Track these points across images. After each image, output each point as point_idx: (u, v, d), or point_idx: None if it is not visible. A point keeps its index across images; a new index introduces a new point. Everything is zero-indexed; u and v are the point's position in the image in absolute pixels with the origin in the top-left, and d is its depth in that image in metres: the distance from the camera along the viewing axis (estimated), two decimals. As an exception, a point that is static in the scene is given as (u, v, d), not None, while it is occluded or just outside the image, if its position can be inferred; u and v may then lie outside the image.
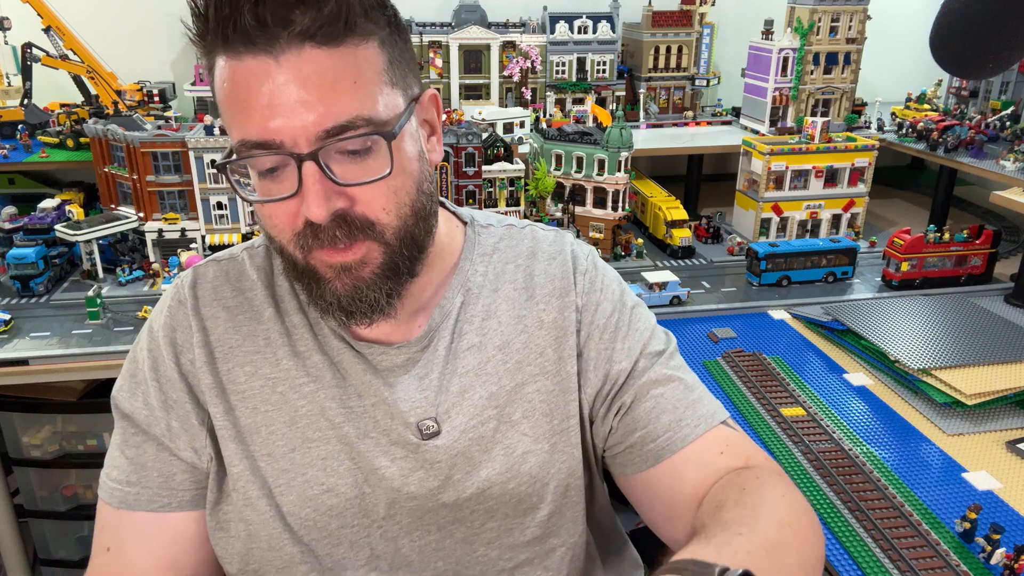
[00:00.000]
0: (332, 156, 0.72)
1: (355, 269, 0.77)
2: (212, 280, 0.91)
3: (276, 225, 0.77)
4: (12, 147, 2.26)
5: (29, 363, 1.63)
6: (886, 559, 1.10)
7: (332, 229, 0.74)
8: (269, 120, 0.70)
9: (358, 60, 0.72)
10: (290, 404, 0.86)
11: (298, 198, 0.73)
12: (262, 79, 0.70)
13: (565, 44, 2.64)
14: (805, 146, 2.20)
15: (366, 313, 0.79)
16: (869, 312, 1.77)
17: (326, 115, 0.70)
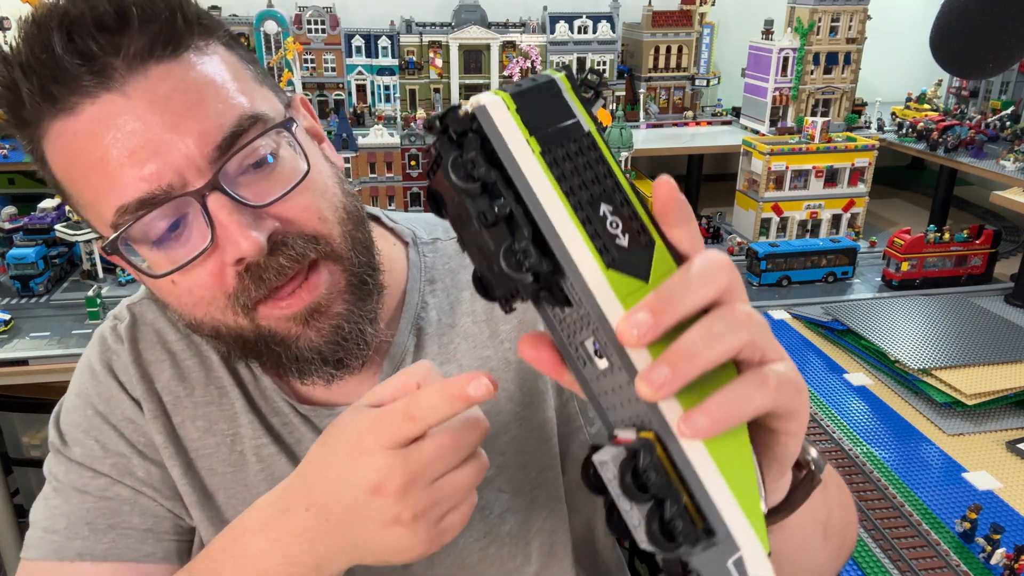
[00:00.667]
0: (235, 180, 0.59)
1: (324, 307, 0.63)
2: (153, 322, 0.76)
3: (202, 298, 0.61)
4: (12, 147, 2.26)
5: (29, 363, 1.63)
6: (886, 559, 1.10)
7: (276, 259, 0.59)
8: (140, 167, 0.56)
9: (214, 62, 0.60)
10: (249, 466, 0.73)
11: (217, 250, 0.58)
12: (111, 123, 0.56)
13: (565, 44, 2.64)
14: (805, 146, 2.20)
15: (359, 350, 0.67)
16: (869, 312, 1.77)
17: (206, 131, 0.57)
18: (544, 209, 0.35)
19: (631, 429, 0.38)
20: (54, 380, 1.66)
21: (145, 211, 0.57)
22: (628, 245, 0.37)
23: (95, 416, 0.74)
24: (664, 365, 0.34)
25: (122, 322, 0.76)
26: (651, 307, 0.34)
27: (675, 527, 0.35)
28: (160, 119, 0.56)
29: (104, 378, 0.74)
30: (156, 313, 0.77)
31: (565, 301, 0.38)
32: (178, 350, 0.75)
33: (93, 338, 0.79)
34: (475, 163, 0.35)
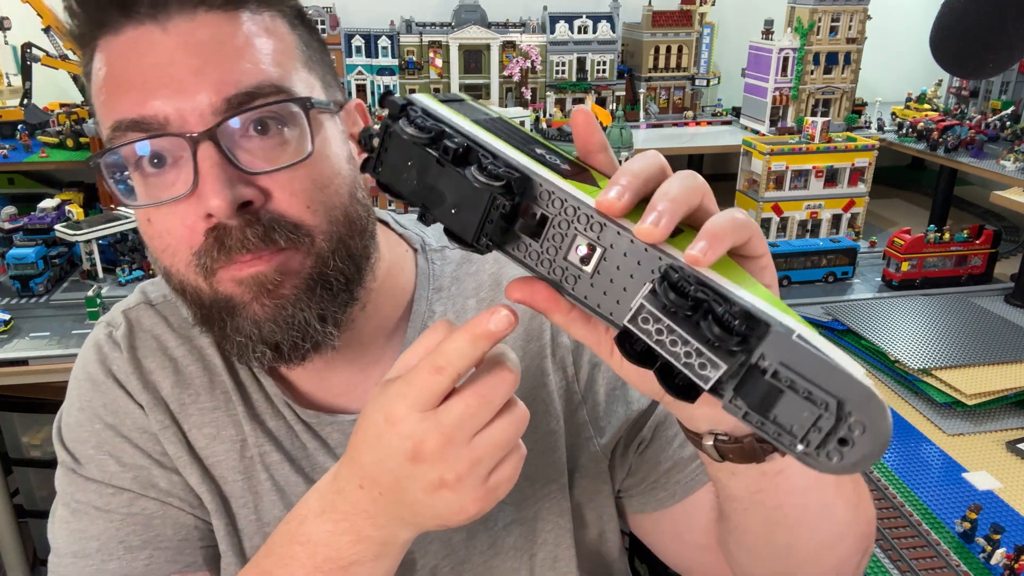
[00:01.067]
0: (235, 140, 0.58)
1: (272, 284, 0.60)
2: (150, 328, 0.74)
3: (169, 246, 0.60)
4: (12, 147, 2.26)
5: (29, 363, 1.63)
6: (886, 559, 1.10)
7: (241, 230, 0.57)
8: (151, 95, 0.57)
9: (263, 29, 0.60)
10: (256, 475, 0.72)
11: (194, 199, 0.57)
12: (143, 50, 0.57)
13: (565, 44, 2.64)
14: (805, 146, 2.20)
15: (297, 344, 0.62)
16: (869, 312, 1.77)
17: (225, 82, 0.57)
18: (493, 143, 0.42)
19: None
20: (54, 380, 1.66)
21: (136, 136, 0.57)
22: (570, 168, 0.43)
23: (105, 429, 0.71)
24: (652, 210, 0.39)
25: (117, 329, 0.74)
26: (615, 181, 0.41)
27: (731, 323, 0.36)
28: (187, 61, 0.57)
29: (108, 387, 0.72)
30: (154, 318, 0.75)
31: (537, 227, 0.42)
32: (179, 356, 0.73)
33: (86, 347, 0.76)
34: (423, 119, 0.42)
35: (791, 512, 0.58)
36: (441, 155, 0.41)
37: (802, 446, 0.36)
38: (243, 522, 0.72)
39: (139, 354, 0.73)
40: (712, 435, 0.51)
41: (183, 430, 0.72)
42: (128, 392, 0.72)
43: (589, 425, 0.79)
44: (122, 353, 0.72)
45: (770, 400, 0.36)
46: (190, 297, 0.62)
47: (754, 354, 0.36)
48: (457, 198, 0.41)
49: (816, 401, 0.35)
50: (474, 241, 0.42)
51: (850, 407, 0.35)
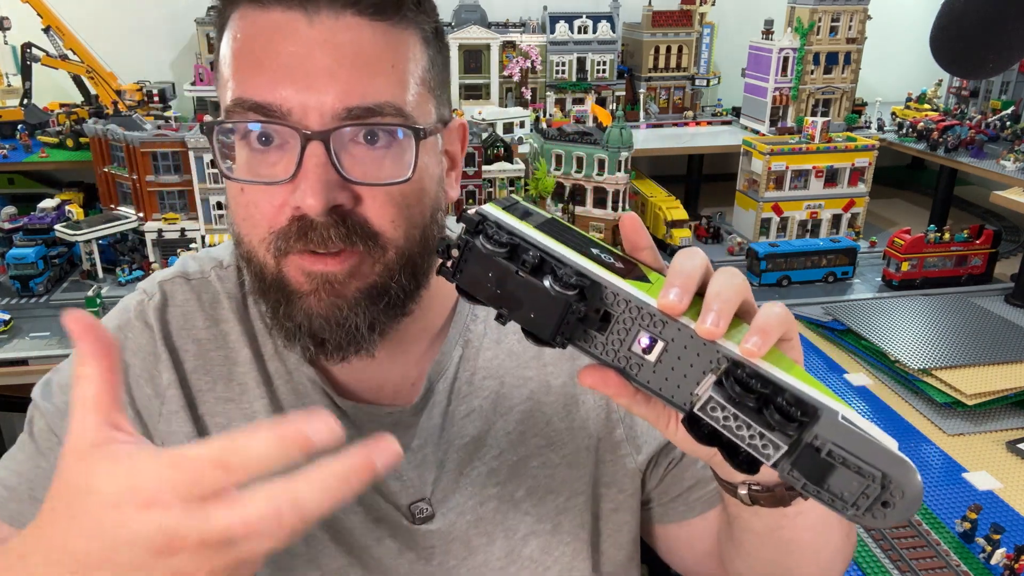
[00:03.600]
0: (345, 145, 0.60)
1: (338, 283, 0.62)
2: (182, 304, 0.74)
3: (251, 217, 0.62)
4: (12, 147, 2.26)
5: (29, 363, 1.63)
6: (886, 559, 1.10)
7: (326, 228, 0.60)
8: (281, 83, 0.58)
9: (400, 44, 0.62)
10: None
11: (290, 186, 0.59)
12: (286, 35, 0.58)
13: (565, 44, 2.64)
14: (805, 146, 2.20)
15: (341, 345, 0.64)
16: (869, 312, 1.77)
17: (351, 92, 0.58)
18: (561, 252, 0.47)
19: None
20: (54, 380, 1.65)
21: (255, 117, 0.59)
22: (623, 266, 0.49)
23: None
24: (710, 311, 0.44)
25: (151, 306, 0.74)
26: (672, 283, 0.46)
27: (790, 411, 0.43)
28: (324, 59, 0.58)
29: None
30: (187, 294, 0.75)
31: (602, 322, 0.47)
32: (204, 338, 0.73)
33: (116, 308, 0.76)
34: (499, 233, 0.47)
35: (802, 543, 0.64)
36: (519, 267, 0.46)
37: (853, 510, 0.43)
38: None
39: (170, 328, 0.73)
40: (746, 485, 0.57)
41: (197, 415, 0.72)
42: (128, 369, 0.72)
43: (626, 443, 0.80)
44: (151, 327, 0.73)
45: (824, 472, 0.43)
46: (253, 269, 0.64)
47: (808, 435, 0.43)
48: (534, 304, 0.47)
49: (864, 474, 0.42)
50: (551, 340, 0.47)
51: (892, 478, 0.41)
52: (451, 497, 0.74)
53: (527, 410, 0.76)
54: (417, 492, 0.73)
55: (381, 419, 0.73)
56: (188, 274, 0.76)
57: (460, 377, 0.75)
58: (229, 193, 0.65)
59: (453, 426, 0.74)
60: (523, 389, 0.77)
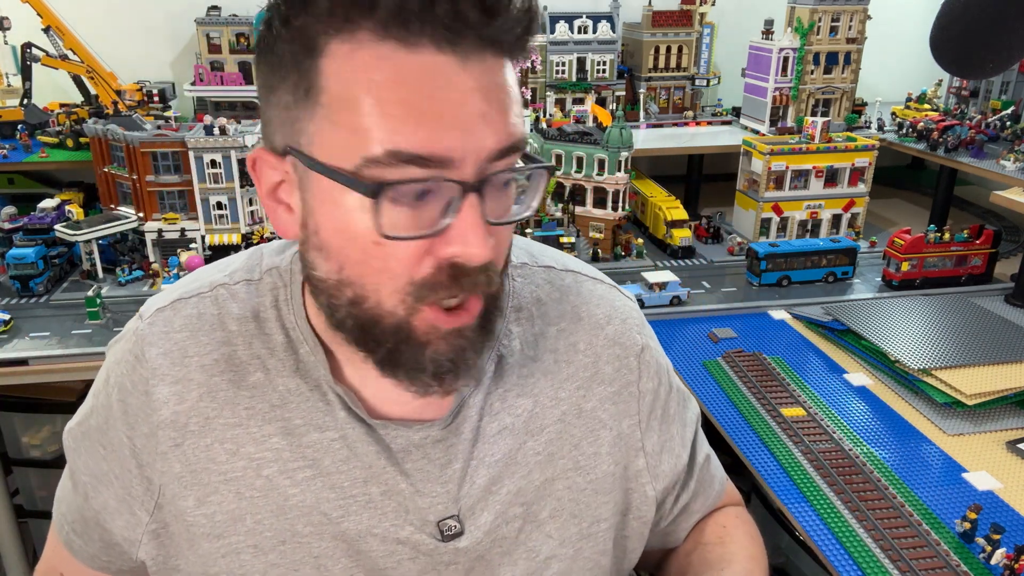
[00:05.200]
0: (490, 190, 0.59)
1: (466, 331, 0.62)
2: (180, 329, 0.71)
3: (388, 269, 0.58)
4: (12, 147, 2.26)
5: (29, 363, 1.63)
6: (886, 559, 1.10)
7: (478, 274, 0.59)
8: (444, 133, 0.55)
9: (514, 78, 0.61)
10: (279, 491, 0.69)
11: (439, 239, 0.58)
12: (442, 83, 0.55)
13: (565, 44, 2.64)
14: (805, 146, 2.20)
15: (456, 379, 0.64)
16: (869, 312, 1.77)
17: (500, 133, 0.57)
18: None
19: None
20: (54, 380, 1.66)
21: (415, 168, 0.55)
22: None
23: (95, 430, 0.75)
24: None
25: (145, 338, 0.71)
26: None
27: None
28: (477, 104, 0.56)
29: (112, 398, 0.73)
30: (186, 319, 0.72)
31: None
32: (208, 364, 0.70)
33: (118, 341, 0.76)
34: None
35: None
36: None
37: None
38: (258, 539, 0.71)
39: (167, 360, 0.70)
40: None
41: (200, 446, 0.70)
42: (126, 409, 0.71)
43: (647, 471, 0.82)
44: (145, 361, 0.70)
45: None
46: (366, 315, 0.61)
47: None
48: None
49: None
50: None
51: None
52: (479, 515, 0.72)
53: (557, 432, 0.76)
54: (445, 509, 0.71)
55: (411, 436, 0.71)
56: (186, 294, 0.74)
57: (493, 393, 0.74)
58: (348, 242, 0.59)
59: (484, 443, 0.73)
60: (555, 410, 0.76)
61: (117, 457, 0.72)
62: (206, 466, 0.69)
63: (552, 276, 0.80)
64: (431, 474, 0.71)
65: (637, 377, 0.80)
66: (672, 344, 1.74)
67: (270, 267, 0.74)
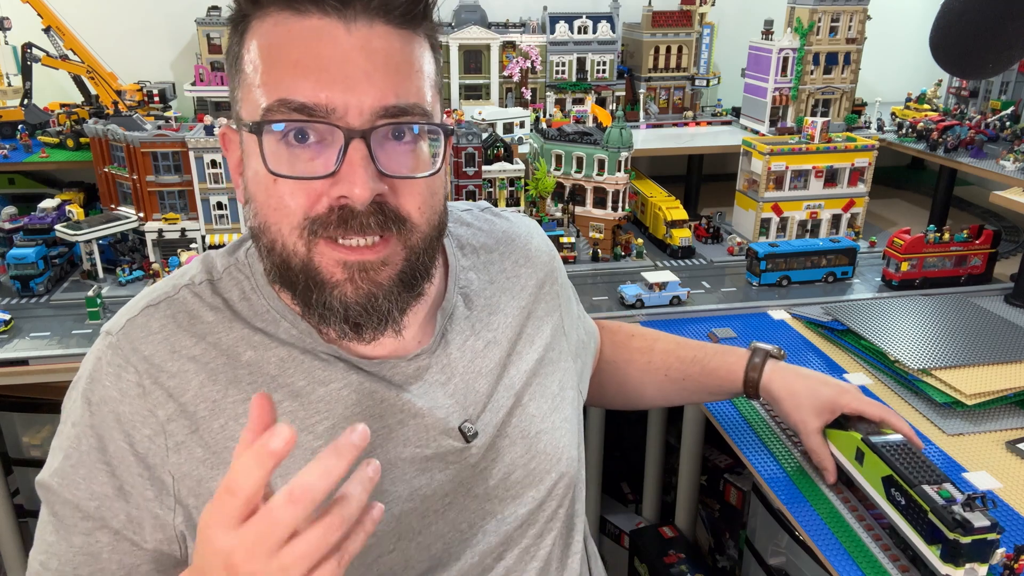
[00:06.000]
0: (379, 141, 0.67)
1: (373, 271, 0.69)
2: (160, 331, 0.75)
3: (286, 207, 0.67)
4: (12, 147, 2.26)
5: (29, 363, 1.63)
6: (886, 559, 1.10)
7: (367, 216, 0.66)
8: (325, 84, 0.64)
9: (420, 51, 0.69)
10: (305, 446, 0.74)
11: (328, 180, 0.66)
12: (326, 42, 0.64)
13: (565, 44, 2.64)
14: (805, 146, 2.20)
15: (376, 327, 0.71)
16: (869, 312, 1.77)
17: (387, 93, 0.66)
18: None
19: None
20: (54, 380, 1.66)
21: (299, 117, 0.64)
22: None
23: (91, 451, 0.73)
24: None
25: (123, 345, 0.74)
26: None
27: None
28: (361, 63, 0.64)
29: (103, 413, 0.73)
30: (162, 320, 0.75)
31: None
32: (198, 354, 0.74)
33: (87, 359, 0.77)
34: None
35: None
36: None
37: None
38: None
39: (156, 361, 0.73)
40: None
41: (215, 428, 0.73)
42: (119, 418, 0.72)
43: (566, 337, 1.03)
44: (130, 366, 0.73)
45: None
46: (278, 257, 0.69)
47: None
48: None
49: None
50: None
51: None
52: (484, 415, 0.84)
53: (530, 334, 0.92)
54: (462, 414, 0.82)
55: (403, 367, 0.80)
56: (154, 301, 0.77)
57: (468, 319, 0.86)
58: (257, 186, 0.69)
59: (477, 358, 0.85)
60: (521, 315, 0.92)
61: (124, 467, 0.72)
62: (226, 445, 0.73)
63: (475, 216, 0.97)
64: (437, 392, 0.81)
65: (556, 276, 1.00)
66: (672, 344, 1.74)
67: (227, 267, 0.80)
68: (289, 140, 0.66)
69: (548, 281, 0.99)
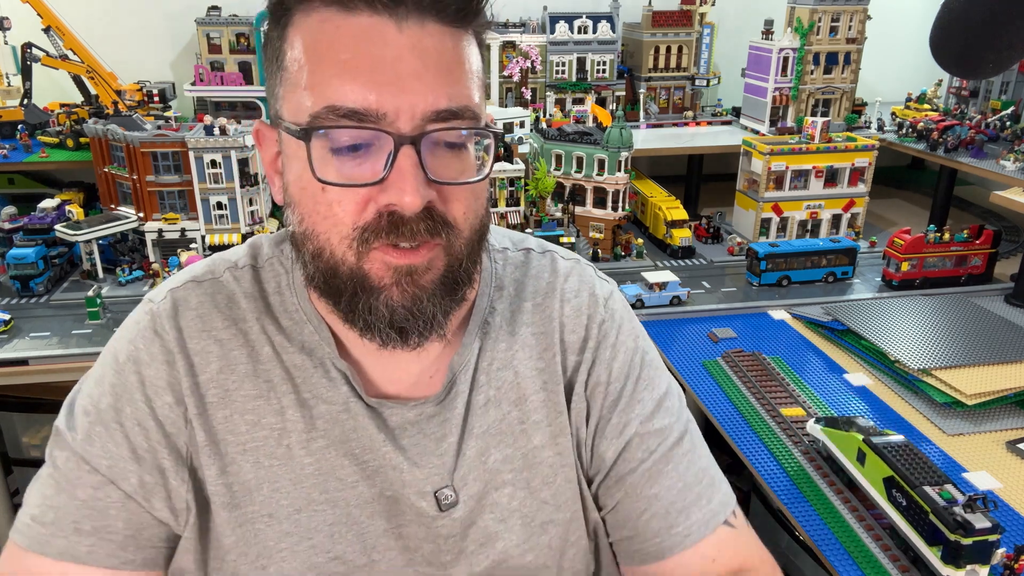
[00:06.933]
0: (429, 146, 0.63)
1: (418, 275, 0.66)
2: (196, 307, 0.75)
3: (334, 215, 0.64)
4: (12, 147, 2.26)
5: (29, 363, 1.63)
6: (886, 559, 1.10)
7: (416, 222, 0.63)
8: (376, 88, 0.61)
9: (469, 51, 0.66)
10: (296, 460, 0.73)
11: (379, 188, 0.63)
12: (377, 42, 0.61)
13: (565, 44, 2.64)
14: (805, 146, 2.20)
15: (422, 331, 0.68)
16: (869, 312, 1.77)
17: (439, 95, 0.62)
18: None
19: None
20: (54, 380, 1.66)
21: (350, 122, 0.61)
22: None
23: (108, 409, 0.73)
24: None
25: (161, 313, 0.74)
26: None
27: None
28: (413, 64, 0.61)
29: (125, 370, 0.73)
30: (201, 296, 0.76)
31: None
32: (225, 339, 0.74)
33: (127, 324, 0.77)
34: None
35: None
36: None
37: None
38: (274, 507, 0.74)
39: (185, 335, 0.74)
40: None
41: (221, 416, 0.73)
42: (143, 381, 0.72)
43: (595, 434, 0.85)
44: (164, 337, 0.73)
45: None
46: (325, 264, 0.66)
47: None
48: None
49: None
50: None
51: None
52: (471, 483, 0.76)
53: (541, 400, 0.80)
54: (441, 480, 0.75)
55: (406, 414, 0.76)
56: (198, 277, 0.78)
57: (480, 367, 0.78)
58: (302, 192, 0.66)
59: (473, 416, 0.77)
60: (538, 379, 0.80)
61: (141, 431, 0.72)
62: (224, 437, 0.73)
63: (531, 258, 0.86)
64: (427, 448, 0.75)
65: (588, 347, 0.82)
66: (672, 344, 1.74)
67: (270, 257, 0.79)
68: (336, 145, 0.63)
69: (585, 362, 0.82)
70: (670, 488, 0.80)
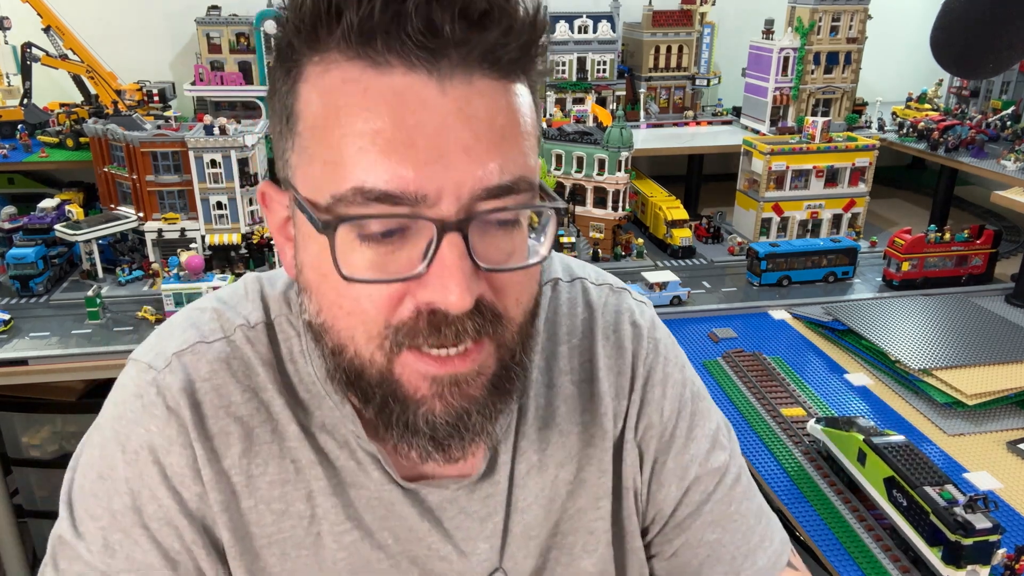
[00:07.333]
0: (477, 229, 0.51)
1: (466, 384, 0.54)
2: (210, 377, 0.62)
3: (362, 311, 0.52)
4: (12, 147, 2.26)
5: (29, 363, 1.63)
6: (886, 559, 1.09)
7: (463, 321, 0.51)
8: (414, 165, 0.48)
9: (524, 105, 0.53)
10: (327, 550, 0.64)
11: (417, 282, 0.51)
12: (414, 107, 0.48)
13: (565, 44, 2.63)
14: (806, 146, 2.20)
15: (464, 448, 0.57)
16: (870, 312, 1.77)
17: (491, 170, 0.50)
18: None
19: None
20: (54, 380, 1.66)
21: (382, 206, 0.49)
22: None
23: (127, 512, 0.61)
24: None
25: (171, 386, 0.61)
26: None
27: None
28: (459, 133, 0.49)
29: (144, 464, 0.61)
30: (214, 363, 0.63)
31: None
32: (245, 415, 0.62)
33: (121, 396, 0.63)
34: None
35: None
36: None
37: None
38: None
39: (204, 414, 0.61)
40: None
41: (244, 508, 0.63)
42: (164, 471, 0.61)
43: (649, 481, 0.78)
44: (179, 412, 0.61)
45: None
46: (348, 363, 0.55)
47: None
48: None
49: None
50: None
51: None
52: (520, 561, 0.69)
53: (586, 457, 0.71)
54: (491, 563, 0.67)
55: (444, 493, 0.66)
56: (206, 337, 0.64)
57: (521, 431, 0.68)
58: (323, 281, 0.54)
59: (518, 487, 0.68)
60: (583, 435, 0.71)
61: (171, 531, 0.61)
62: (250, 531, 0.63)
63: (560, 289, 0.74)
64: (471, 530, 0.66)
65: (634, 387, 0.73)
66: (672, 344, 1.74)
67: (278, 315, 0.67)
68: (365, 232, 0.51)
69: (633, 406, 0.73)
70: (734, 532, 0.73)
